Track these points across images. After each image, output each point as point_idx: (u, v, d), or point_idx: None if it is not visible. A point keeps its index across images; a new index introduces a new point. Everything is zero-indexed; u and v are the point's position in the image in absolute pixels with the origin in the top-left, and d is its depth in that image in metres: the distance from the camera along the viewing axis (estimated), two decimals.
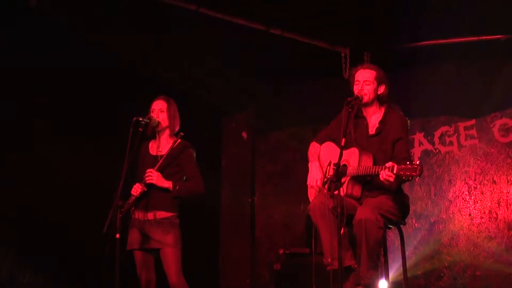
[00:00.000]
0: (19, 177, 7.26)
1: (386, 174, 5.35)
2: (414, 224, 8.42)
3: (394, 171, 5.30)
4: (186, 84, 8.51)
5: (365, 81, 5.88)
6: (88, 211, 7.32)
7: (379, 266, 5.73)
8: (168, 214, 6.33)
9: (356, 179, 5.75)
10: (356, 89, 5.89)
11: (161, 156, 6.37)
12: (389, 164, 5.36)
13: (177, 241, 6.30)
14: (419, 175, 5.23)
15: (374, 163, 5.65)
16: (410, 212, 6.07)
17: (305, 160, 6.28)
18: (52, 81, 7.56)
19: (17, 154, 7.29)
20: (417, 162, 5.24)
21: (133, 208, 6.38)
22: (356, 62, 7.68)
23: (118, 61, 7.95)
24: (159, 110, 6.46)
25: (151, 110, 6.47)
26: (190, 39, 7.90)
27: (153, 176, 6.28)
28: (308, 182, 5.99)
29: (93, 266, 7.06)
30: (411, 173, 5.24)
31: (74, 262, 7.43)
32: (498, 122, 8.20)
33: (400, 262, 6.12)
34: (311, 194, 6.03)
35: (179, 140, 6.43)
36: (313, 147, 6.21)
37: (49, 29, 7.19)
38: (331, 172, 5.54)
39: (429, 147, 8.57)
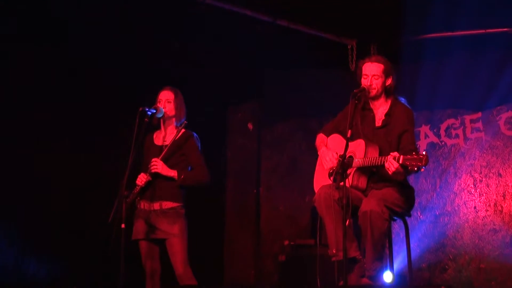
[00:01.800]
0: (24, 167, 7.28)
1: (392, 163, 5.35)
2: (419, 217, 8.42)
3: (400, 161, 5.31)
4: (192, 74, 8.51)
5: (374, 75, 5.86)
6: (93, 201, 7.34)
7: (384, 258, 5.74)
8: (174, 204, 6.35)
9: (362, 170, 5.76)
10: (364, 83, 5.87)
11: (166, 145, 6.39)
12: (394, 153, 5.37)
13: (183, 231, 6.32)
14: (425, 165, 5.23)
15: (380, 155, 5.66)
16: (415, 204, 6.06)
17: (310, 152, 6.29)
18: (54, 74, 7.59)
19: (21, 144, 7.31)
20: (423, 153, 5.25)
21: (138, 198, 6.40)
22: (363, 54, 7.66)
23: (121, 51, 7.96)
24: (166, 101, 6.46)
25: (158, 100, 6.47)
26: (196, 30, 7.90)
27: (158, 165, 6.29)
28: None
29: (99, 256, 7.09)
30: (417, 163, 5.24)
31: (79, 252, 7.45)
32: (504, 115, 8.19)
33: (404, 254, 6.13)
34: (317, 185, 6.03)
35: (183, 130, 6.44)
36: (320, 138, 6.21)
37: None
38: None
39: (435, 139, 8.56)
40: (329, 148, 6.06)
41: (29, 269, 7.25)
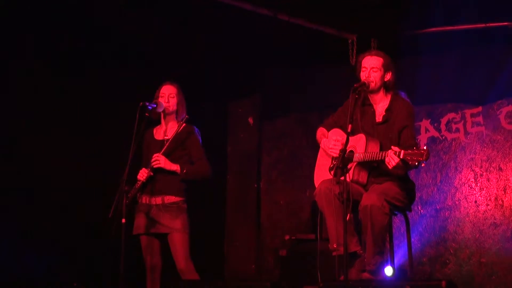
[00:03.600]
0: (23, 162, 7.28)
1: (392, 158, 5.35)
2: (420, 211, 8.42)
3: (401, 156, 5.31)
4: (193, 69, 8.50)
5: (372, 68, 5.88)
6: (94, 196, 7.34)
7: (385, 252, 5.74)
8: (177, 199, 6.36)
9: (362, 165, 5.76)
10: (363, 76, 5.89)
11: (168, 140, 6.39)
12: (395, 148, 5.36)
13: (185, 226, 6.34)
14: (426, 160, 5.23)
15: (381, 150, 5.66)
16: (416, 198, 6.07)
17: (311, 146, 6.30)
18: (55, 68, 7.59)
19: (20, 141, 7.30)
20: (424, 147, 5.25)
21: (139, 193, 6.41)
22: (363, 49, 7.65)
23: (121, 48, 7.95)
24: (169, 96, 6.47)
25: (160, 95, 6.48)
26: (196, 24, 7.89)
27: (160, 160, 6.31)
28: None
29: (99, 250, 7.10)
30: (418, 158, 5.25)
31: (79, 246, 7.45)
32: (505, 109, 8.18)
33: (405, 248, 6.13)
34: (317, 180, 6.03)
35: (184, 124, 6.44)
36: (321, 131, 6.22)
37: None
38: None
39: (435, 134, 8.55)
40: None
41: (28, 264, 7.25)
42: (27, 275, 7.20)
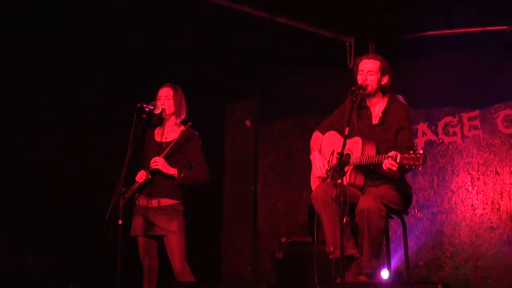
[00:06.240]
0: (22, 163, 7.27)
1: (389, 163, 5.35)
2: (417, 214, 8.43)
3: (398, 161, 5.30)
4: (190, 71, 8.50)
5: (369, 71, 5.87)
6: (91, 197, 7.33)
7: (381, 255, 5.74)
8: (172, 202, 6.36)
9: (359, 168, 5.75)
10: (359, 79, 5.88)
11: (167, 143, 6.42)
12: (392, 153, 5.36)
13: (181, 228, 6.34)
14: (422, 164, 5.23)
15: (377, 153, 5.66)
16: (413, 202, 6.08)
17: (308, 149, 6.28)
18: (54, 68, 7.59)
19: (19, 137, 7.30)
20: (420, 151, 5.25)
21: (137, 194, 6.41)
22: (361, 52, 7.62)
23: (120, 49, 7.95)
24: (165, 97, 6.47)
25: (158, 97, 6.48)
26: (194, 26, 7.89)
27: (159, 163, 6.30)
28: (317, 175, 5.98)
29: (96, 252, 7.09)
30: (414, 162, 5.24)
31: (76, 248, 7.44)
32: (502, 113, 8.20)
33: (402, 251, 6.13)
34: (314, 183, 6.03)
35: (185, 129, 6.44)
36: (316, 136, 6.21)
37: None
38: (334, 161, 5.54)
39: (432, 137, 8.56)
40: (323, 149, 6.07)
41: (25, 265, 7.24)
42: (24, 276, 7.20)
